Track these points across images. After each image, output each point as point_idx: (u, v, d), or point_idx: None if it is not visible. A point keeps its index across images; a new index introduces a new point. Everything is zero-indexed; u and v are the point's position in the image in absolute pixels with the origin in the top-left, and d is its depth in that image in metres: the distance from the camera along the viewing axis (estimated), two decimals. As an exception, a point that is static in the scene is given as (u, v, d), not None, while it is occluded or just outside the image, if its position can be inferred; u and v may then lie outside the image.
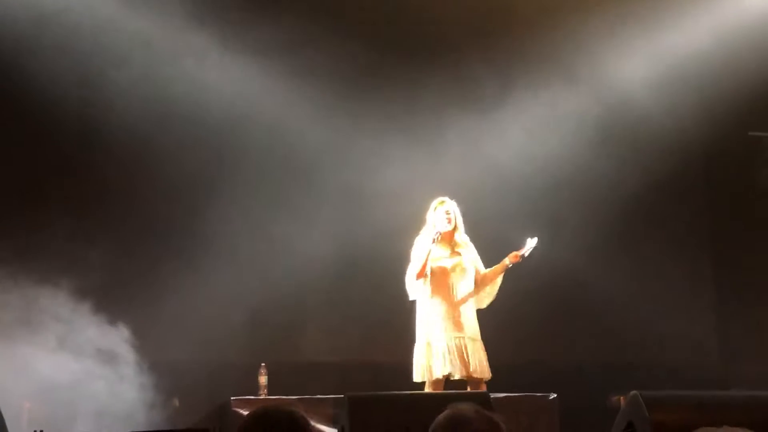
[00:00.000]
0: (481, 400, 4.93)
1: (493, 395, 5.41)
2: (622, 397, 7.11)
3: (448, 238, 6.66)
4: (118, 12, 7.89)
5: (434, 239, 6.54)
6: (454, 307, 6.54)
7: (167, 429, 4.46)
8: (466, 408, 2.41)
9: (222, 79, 8.09)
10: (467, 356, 6.47)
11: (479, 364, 6.50)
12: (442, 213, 6.64)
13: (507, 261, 6.64)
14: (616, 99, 8.77)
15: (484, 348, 6.58)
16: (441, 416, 2.39)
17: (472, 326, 6.59)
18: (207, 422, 6.78)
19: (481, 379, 6.52)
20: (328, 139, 8.29)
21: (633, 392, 5.01)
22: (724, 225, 9.35)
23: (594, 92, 8.74)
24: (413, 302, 6.67)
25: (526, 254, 6.63)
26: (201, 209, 8.02)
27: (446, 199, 6.72)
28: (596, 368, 8.52)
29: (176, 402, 7.75)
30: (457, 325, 6.51)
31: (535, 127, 8.69)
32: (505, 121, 8.57)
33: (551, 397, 7.45)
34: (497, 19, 8.73)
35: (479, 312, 6.72)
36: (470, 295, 6.63)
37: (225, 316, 7.85)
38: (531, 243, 6.65)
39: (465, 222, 6.76)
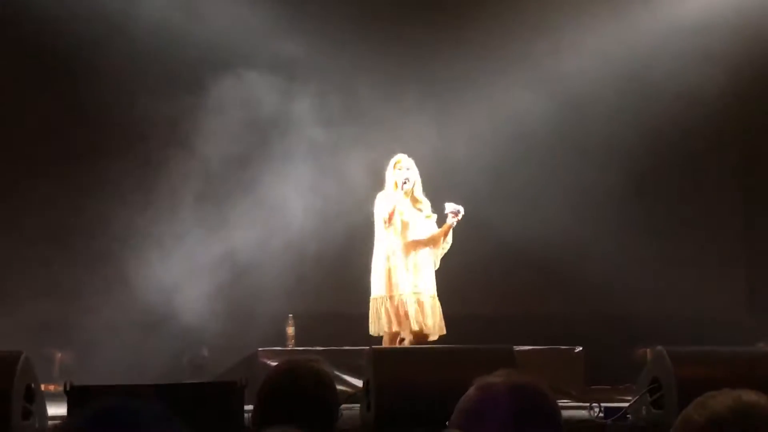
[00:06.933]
0: (504, 353, 4.93)
1: (516, 348, 5.38)
2: (648, 350, 7.09)
3: (408, 195, 6.63)
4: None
5: (405, 192, 6.53)
6: (412, 262, 6.53)
7: (194, 381, 4.49)
8: (497, 382, 1.82)
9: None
10: (423, 313, 6.47)
11: (436, 323, 6.48)
12: (401, 171, 6.58)
13: (451, 221, 6.55)
14: (653, 43, 8.66)
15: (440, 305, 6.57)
16: (470, 393, 1.84)
17: (430, 283, 6.58)
18: (234, 373, 6.82)
19: (428, 336, 6.49)
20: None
21: (658, 347, 4.97)
22: (757, 177, 9.23)
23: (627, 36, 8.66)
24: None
25: (462, 210, 6.53)
26: (237, 163, 8.07)
27: (403, 156, 6.67)
28: (621, 321, 8.48)
29: (205, 352, 7.83)
30: (416, 280, 6.51)
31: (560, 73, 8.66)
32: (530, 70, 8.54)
33: (577, 350, 7.43)
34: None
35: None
36: (428, 251, 6.61)
37: (253, 266, 7.87)
38: (451, 207, 6.56)
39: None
